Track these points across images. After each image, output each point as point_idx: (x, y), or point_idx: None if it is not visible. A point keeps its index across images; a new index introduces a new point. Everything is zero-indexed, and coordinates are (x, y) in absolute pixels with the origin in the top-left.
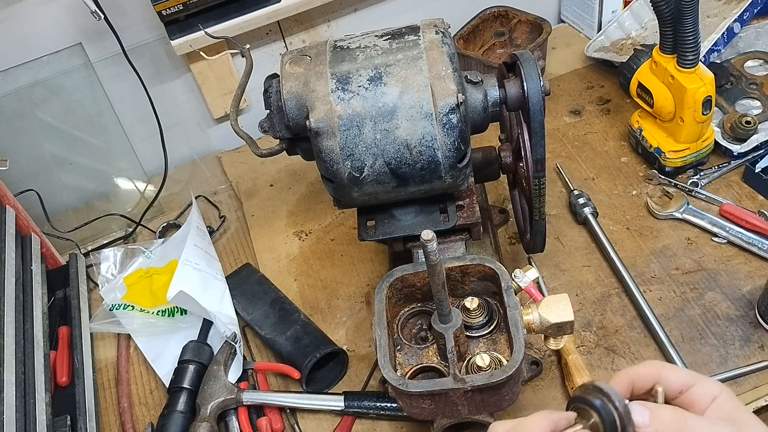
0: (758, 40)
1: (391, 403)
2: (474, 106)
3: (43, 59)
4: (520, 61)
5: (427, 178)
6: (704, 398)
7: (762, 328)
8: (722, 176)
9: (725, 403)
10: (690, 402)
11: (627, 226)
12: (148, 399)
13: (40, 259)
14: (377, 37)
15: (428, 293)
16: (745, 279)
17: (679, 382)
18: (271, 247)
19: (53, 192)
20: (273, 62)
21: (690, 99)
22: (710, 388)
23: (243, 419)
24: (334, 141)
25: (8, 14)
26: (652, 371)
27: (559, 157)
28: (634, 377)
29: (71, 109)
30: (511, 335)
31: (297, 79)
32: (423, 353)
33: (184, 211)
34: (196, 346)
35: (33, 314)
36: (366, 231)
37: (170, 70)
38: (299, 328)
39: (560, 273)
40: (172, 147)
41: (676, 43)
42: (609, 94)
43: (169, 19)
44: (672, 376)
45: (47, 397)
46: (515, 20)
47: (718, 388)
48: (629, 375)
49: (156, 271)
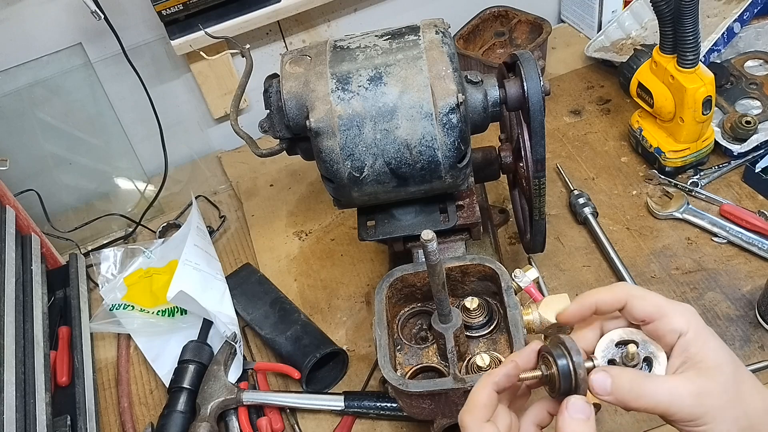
0: (758, 40)
1: (391, 403)
2: (474, 106)
3: (43, 59)
4: (520, 61)
5: (427, 178)
6: (670, 334)
7: (762, 328)
8: (722, 176)
9: (691, 343)
10: (656, 335)
11: (627, 226)
12: (148, 399)
13: (40, 259)
14: (377, 37)
15: (428, 293)
16: (745, 279)
17: (643, 313)
18: (271, 247)
19: (53, 192)
20: (273, 62)
21: (690, 99)
22: (677, 323)
23: (243, 419)
24: (334, 141)
25: (8, 14)
26: (619, 297)
27: (559, 157)
28: (598, 302)
29: (71, 109)
30: (511, 335)
31: (297, 79)
32: (423, 353)
33: (184, 211)
34: (196, 346)
35: (33, 314)
36: (366, 231)
37: (170, 70)
38: (299, 328)
39: (560, 273)
40: (172, 147)
41: (676, 43)
42: (609, 94)
43: (169, 19)
44: (638, 307)
45: (47, 397)
46: (515, 20)
47: (686, 323)
48: (594, 299)
49: (156, 271)
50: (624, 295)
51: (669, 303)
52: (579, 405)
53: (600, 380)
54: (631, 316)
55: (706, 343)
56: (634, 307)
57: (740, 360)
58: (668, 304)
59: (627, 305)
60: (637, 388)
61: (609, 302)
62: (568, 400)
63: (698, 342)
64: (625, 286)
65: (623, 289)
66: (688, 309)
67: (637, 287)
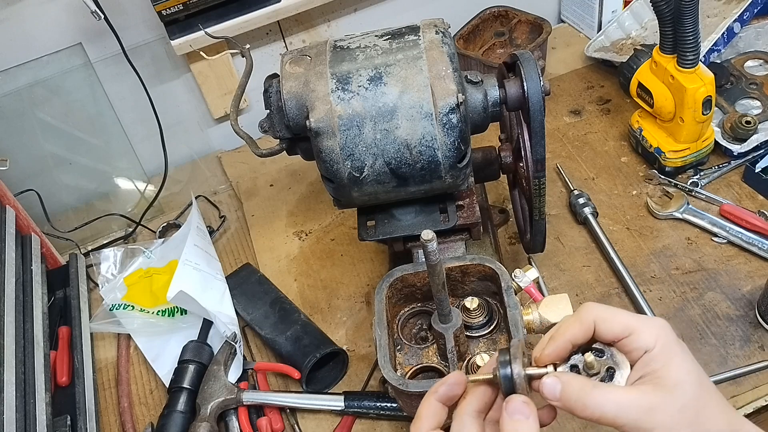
0: (758, 40)
1: (391, 403)
2: (474, 106)
3: (43, 59)
4: (520, 61)
5: (427, 178)
6: (636, 351)
7: (762, 328)
8: (722, 176)
9: (654, 359)
10: (625, 351)
11: (627, 226)
12: (148, 399)
13: (40, 259)
14: (377, 37)
15: (428, 293)
16: (745, 279)
17: (611, 335)
18: (271, 247)
19: (53, 192)
20: (273, 62)
21: (690, 99)
22: (644, 339)
23: (243, 419)
24: (334, 141)
25: (8, 14)
26: (588, 326)
27: (559, 157)
28: (572, 339)
29: (71, 109)
30: (511, 335)
31: (297, 79)
32: (423, 353)
33: (184, 211)
34: (196, 346)
35: (33, 314)
36: (366, 231)
37: (170, 70)
38: (299, 328)
39: (560, 273)
40: (172, 147)
41: (676, 43)
42: (609, 94)
43: (169, 19)
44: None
45: (47, 397)
46: (515, 20)
47: (654, 339)
48: (567, 337)
49: (156, 271)
50: (591, 322)
51: (638, 319)
52: (517, 405)
53: (549, 386)
54: (600, 339)
55: (670, 360)
56: (601, 331)
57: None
58: (637, 320)
59: (595, 330)
60: (584, 396)
61: (581, 335)
62: (508, 400)
63: (662, 358)
64: (592, 310)
65: (589, 314)
66: (659, 324)
67: (605, 308)
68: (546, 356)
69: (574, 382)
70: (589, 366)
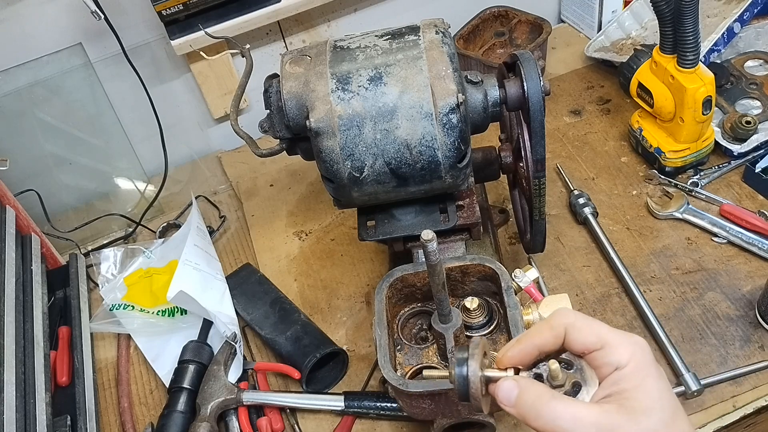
0: (758, 40)
1: (391, 403)
2: (474, 106)
3: (43, 59)
4: (520, 61)
5: (427, 178)
6: (606, 366)
7: (762, 328)
8: (722, 176)
9: (625, 379)
10: (594, 365)
11: (627, 226)
12: (148, 399)
13: (40, 259)
14: (377, 37)
15: (428, 293)
16: (745, 279)
17: (581, 345)
18: (271, 247)
19: (53, 192)
20: (273, 62)
21: (690, 99)
22: (617, 356)
23: (243, 419)
24: (334, 141)
25: (8, 14)
26: (558, 332)
27: (559, 157)
28: (540, 346)
29: (71, 109)
30: (511, 335)
31: (297, 79)
32: (423, 353)
33: (184, 211)
34: (196, 346)
35: (33, 314)
36: (366, 231)
37: (170, 70)
38: (299, 328)
39: (560, 273)
40: (172, 147)
41: (676, 43)
42: (609, 94)
43: (169, 19)
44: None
45: (47, 397)
46: (515, 20)
47: (627, 357)
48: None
49: (156, 271)
50: (562, 328)
51: (615, 334)
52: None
53: (505, 389)
54: (570, 348)
55: (642, 382)
56: (571, 340)
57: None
58: (614, 335)
59: (566, 338)
60: (540, 405)
61: (551, 341)
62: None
63: (633, 379)
64: (564, 317)
65: (561, 320)
66: (636, 343)
67: (581, 316)
68: (508, 358)
69: (532, 389)
70: (554, 375)
